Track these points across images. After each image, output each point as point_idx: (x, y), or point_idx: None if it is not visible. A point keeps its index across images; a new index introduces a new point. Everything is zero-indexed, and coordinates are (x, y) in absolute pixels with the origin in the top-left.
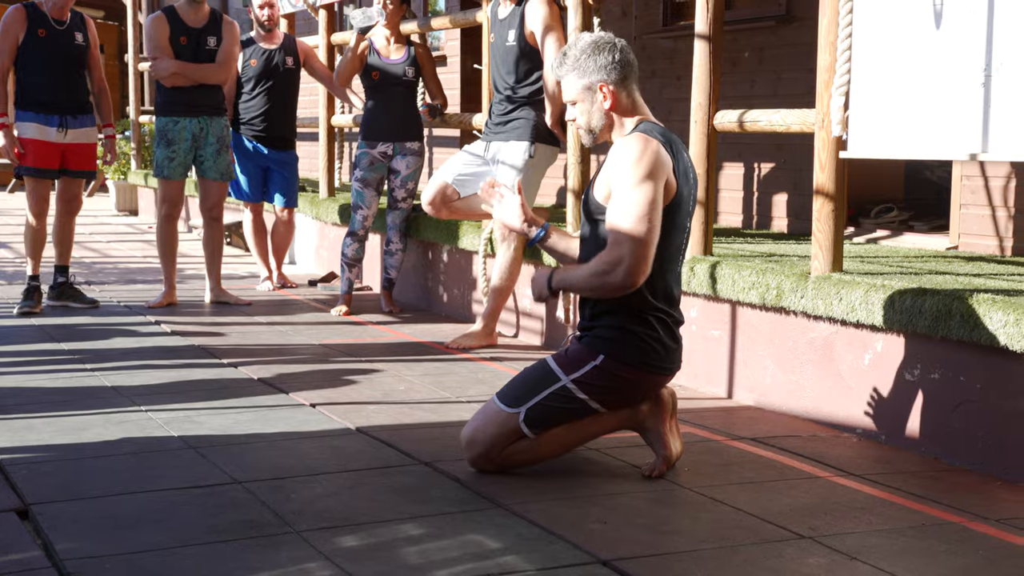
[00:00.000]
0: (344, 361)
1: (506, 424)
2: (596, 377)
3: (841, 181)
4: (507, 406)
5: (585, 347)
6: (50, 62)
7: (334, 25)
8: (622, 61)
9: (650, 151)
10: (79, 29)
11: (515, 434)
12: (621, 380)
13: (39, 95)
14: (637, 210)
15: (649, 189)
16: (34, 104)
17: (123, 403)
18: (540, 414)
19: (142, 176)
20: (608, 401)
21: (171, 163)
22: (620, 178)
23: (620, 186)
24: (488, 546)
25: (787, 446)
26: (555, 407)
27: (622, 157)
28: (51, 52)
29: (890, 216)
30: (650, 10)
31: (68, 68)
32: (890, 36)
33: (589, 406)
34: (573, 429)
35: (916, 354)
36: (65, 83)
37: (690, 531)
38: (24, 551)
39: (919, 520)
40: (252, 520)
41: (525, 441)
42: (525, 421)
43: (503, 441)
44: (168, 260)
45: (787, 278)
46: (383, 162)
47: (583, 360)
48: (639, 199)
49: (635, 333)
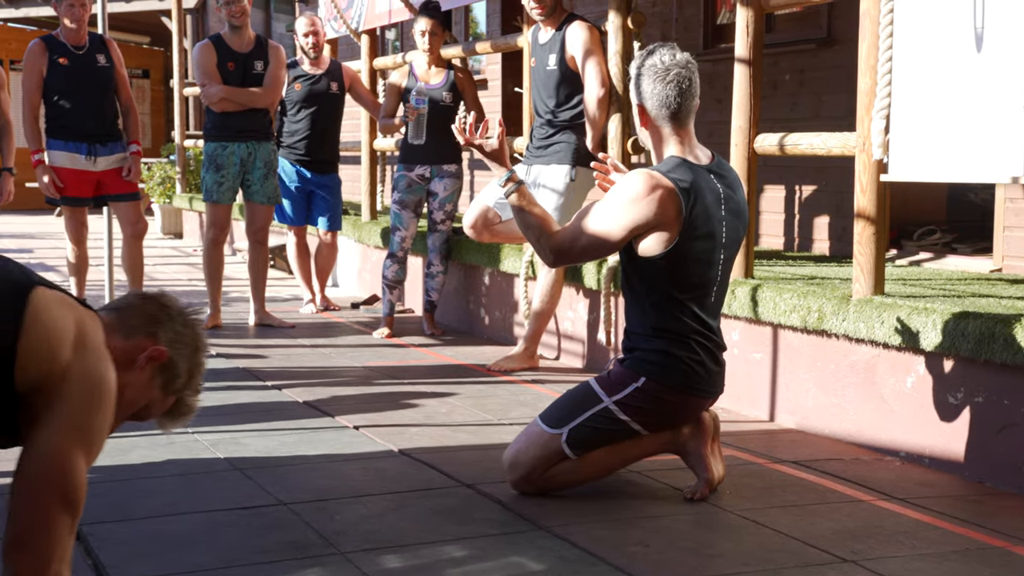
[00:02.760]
0: (387, 383)
1: (548, 445)
2: (638, 399)
3: (882, 204)
4: (550, 427)
5: (627, 369)
6: (75, 88)
7: (376, 50)
8: (660, 92)
9: (644, 195)
10: (100, 51)
11: (557, 455)
12: (663, 402)
13: (67, 122)
14: (592, 226)
15: (613, 220)
16: (63, 132)
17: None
18: (582, 435)
19: (187, 199)
20: (649, 423)
21: (220, 187)
22: (607, 197)
23: (603, 201)
24: (530, 568)
25: (829, 469)
26: (597, 428)
27: (617, 185)
28: (75, 78)
29: (933, 239)
30: (690, 33)
31: (93, 92)
32: (931, 59)
33: (631, 428)
34: (615, 451)
35: (959, 377)
36: (92, 108)
37: (732, 554)
38: (76, 572)
39: (963, 544)
40: (297, 541)
41: (567, 463)
42: (567, 442)
43: (545, 463)
44: (213, 283)
45: (829, 301)
46: (421, 184)
47: (625, 382)
48: (600, 220)
49: (677, 357)
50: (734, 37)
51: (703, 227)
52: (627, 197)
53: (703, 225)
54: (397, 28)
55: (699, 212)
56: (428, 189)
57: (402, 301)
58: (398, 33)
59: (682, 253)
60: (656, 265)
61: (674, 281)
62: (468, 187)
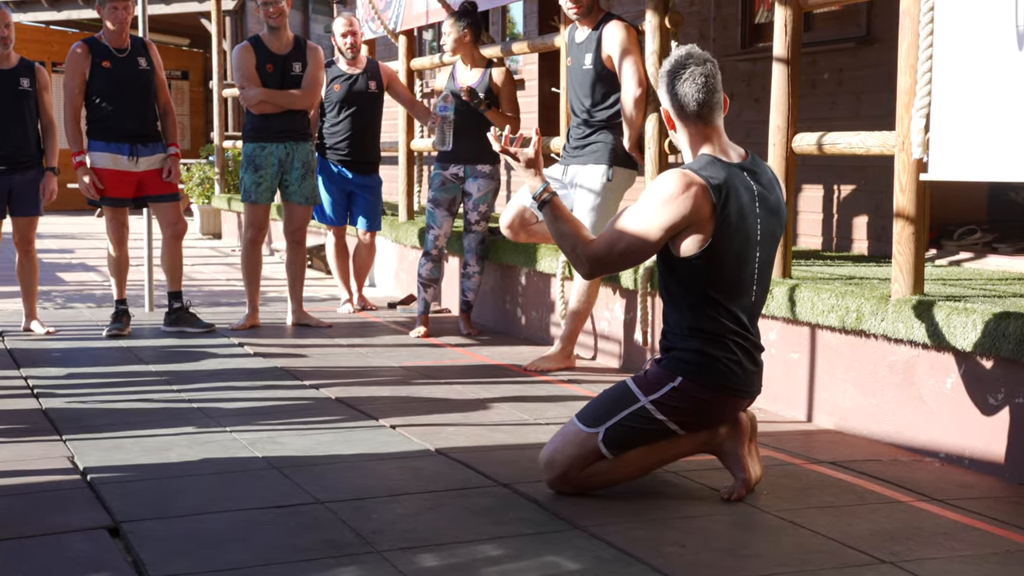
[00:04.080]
0: (423, 383)
1: (585, 444)
2: (675, 399)
3: (922, 203)
4: (586, 426)
5: (664, 369)
6: (117, 90)
7: (413, 51)
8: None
9: (678, 193)
10: (141, 54)
11: (594, 455)
12: (699, 402)
13: (109, 124)
14: (628, 229)
15: (649, 222)
16: (105, 133)
17: (207, 423)
18: (618, 434)
19: (225, 200)
20: (686, 423)
21: (258, 188)
22: (640, 199)
23: (636, 204)
24: (566, 568)
25: (867, 470)
26: (633, 427)
27: (650, 187)
28: (117, 81)
29: (973, 238)
30: (728, 32)
31: (135, 94)
32: (971, 58)
33: (667, 427)
34: (651, 451)
35: (1000, 378)
36: (134, 110)
37: (769, 555)
38: (116, 569)
39: (1004, 547)
40: (334, 539)
41: (603, 463)
42: (604, 441)
43: (582, 462)
44: (252, 283)
45: (867, 301)
46: (455, 183)
47: (662, 382)
48: (636, 222)
49: (714, 357)
50: (772, 36)
51: (737, 224)
52: (661, 197)
53: (737, 222)
54: (434, 28)
55: (733, 209)
56: (463, 189)
57: (438, 301)
58: (435, 33)
59: (717, 252)
60: (692, 265)
61: (710, 281)
62: (505, 187)
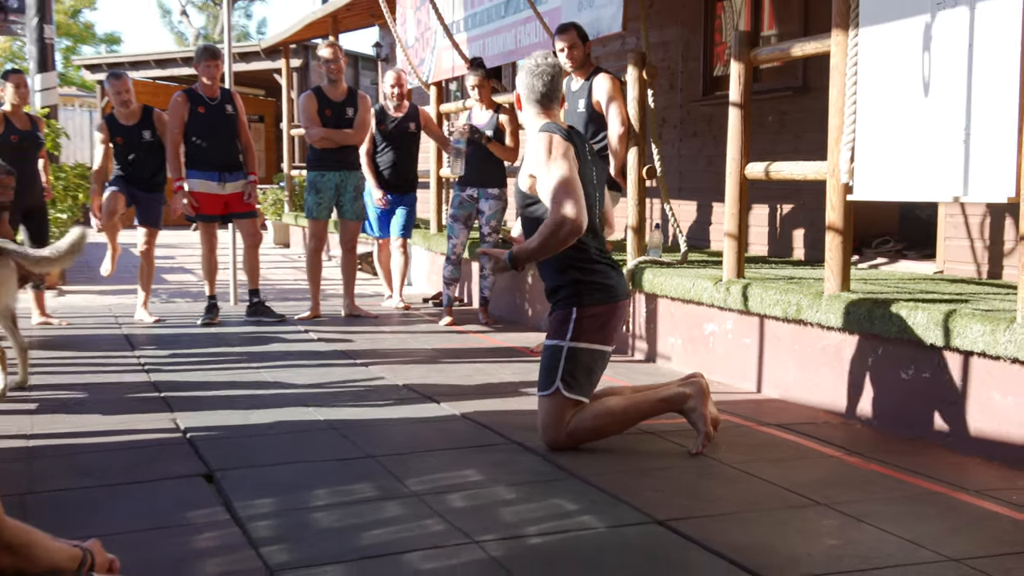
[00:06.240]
0: (451, 361)
1: (554, 403)
2: (581, 326)
3: (848, 219)
4: (546, 391)
5: (561, 311)
6: (209, 131)
7: (442, 98)
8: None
9: (561, 145)
10: (228, 102)
11: (566, 406)
12: (600, 318)
13: (203, 157)
14: (563, 185)
15: (567, 169)
16: (200, 164)
17: (281, 393)
18: (570, 379)
19: (293, 217)
20: (603, 338)
21: (319, 207)
22: (538, 161)
23: (543, 166)
24: (567, 508)
25: (806, 431)
26: (573, 367)
27: (537, 149)
28: (209, 123)
29: (887, 247)
30: (692, 83)
31: (223, 133)
32: (888, 102)
33: (594, 350)
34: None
35: (910, 357)
36: (222, 146)
37: (729, 498)
38: (210, 506)
39: (912, 491)
40: (382, 485)
41: (582, 412)
42: (564, 390)
43: (561, 417)
44: (314, 282)
45: (805, 296)
46: (471, 203)
47: (565, 322)
48: (560, 177)
49: (587, 282)
50: (728, 85)
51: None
52: (558, 151)
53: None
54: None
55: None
56: (477, 208)
57: (460, 297)
58: (459, 84)
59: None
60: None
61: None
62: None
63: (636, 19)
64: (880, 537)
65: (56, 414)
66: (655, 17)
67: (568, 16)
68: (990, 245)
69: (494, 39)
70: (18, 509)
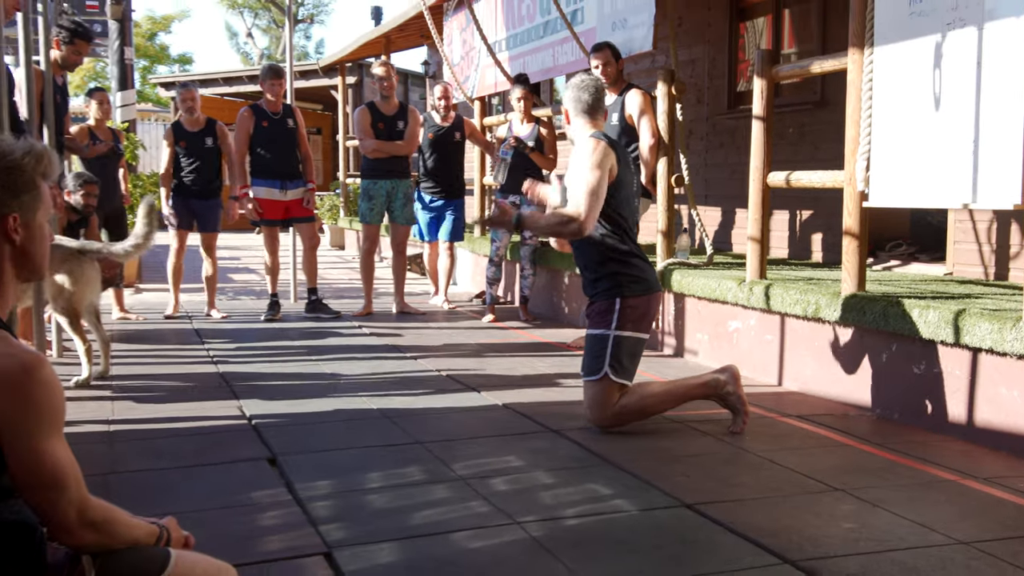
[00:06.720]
0: (494, 355)
1: (603, 386)
2: (626, 316)
3: (864, 224)
4: (594, 376)
5: (602, 303)
6: (272, 143)
7: (485, 111)
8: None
9: (604, 150)
10: (289, 116)
11: (614, 390)
12: (639, 308)
13: (267, 166)
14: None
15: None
16: (263, 173)
17: (336, 384)
18: (617, 363)
19: (348, 222)
20: (642, 327)
21: (371, 212)
22: (580, 164)
23: (579, 167)
24: (602, 492)
25: (825, 422)
26: (622, 352)
27: (581, 153)
28: (272, 136)
29: (900, 250)
30: (718, 98)
31: (285, 145)
32: (901, 115)
33: (635, 338)
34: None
35: (922, 353)
36: (283, 157)
37: (752, 484)
38: (273, 486)
39: (924, 479)
40: (429, 469)
41: (631, 394)
42: (612, 374)
43: (610, 398)
44: (367, 283)
45: (823, 296)
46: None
47: (609, 312)
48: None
49: (626, 274)
50: (752, 100)
51: (623, 159)
52: (600, 159)
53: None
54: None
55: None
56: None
57: (502, 295)
58: (501, 99)
59: (620, 179)
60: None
61: (619, 201)
62: None
63: (665, 39)
64: (894, 521)
65: (134, 401)
66: (683, 37)
67: (602, 36)
68: (997, 249)
69: (533, 57)
70: (101, 488)
